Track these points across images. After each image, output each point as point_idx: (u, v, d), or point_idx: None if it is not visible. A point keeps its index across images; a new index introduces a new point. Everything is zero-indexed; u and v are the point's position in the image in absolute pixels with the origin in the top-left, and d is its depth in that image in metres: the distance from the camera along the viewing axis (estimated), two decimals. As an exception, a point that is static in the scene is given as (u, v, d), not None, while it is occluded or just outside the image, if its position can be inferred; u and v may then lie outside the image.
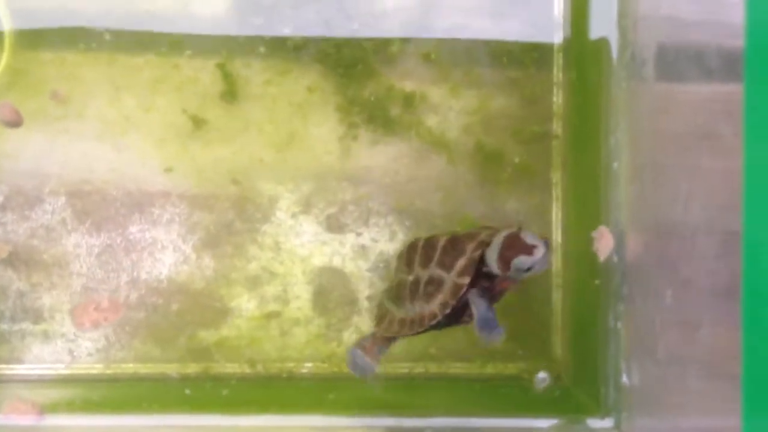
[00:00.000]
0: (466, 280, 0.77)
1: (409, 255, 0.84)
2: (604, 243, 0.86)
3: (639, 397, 0.80)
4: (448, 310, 0.78)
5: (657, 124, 0.76)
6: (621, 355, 0.85)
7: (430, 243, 0.82)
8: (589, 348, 0.90)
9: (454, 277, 0.78)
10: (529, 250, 0.74)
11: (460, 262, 0.78)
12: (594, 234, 0.88)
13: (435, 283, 0.79)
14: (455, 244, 0.79)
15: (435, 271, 0.80)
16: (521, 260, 0.74)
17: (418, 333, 0.81)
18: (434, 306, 0.79)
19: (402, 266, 0.85)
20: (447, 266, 0.79)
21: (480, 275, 0.78)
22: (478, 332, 0.78)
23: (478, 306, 0.78)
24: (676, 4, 0.72)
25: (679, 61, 0.70)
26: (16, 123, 0.89)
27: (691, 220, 0.63)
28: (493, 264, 0.76)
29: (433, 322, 0.79)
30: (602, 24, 0.90)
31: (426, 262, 0.81)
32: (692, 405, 0.65)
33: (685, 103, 0.68)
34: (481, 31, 0.94)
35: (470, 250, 0.78)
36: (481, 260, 0.77)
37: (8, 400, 0.89)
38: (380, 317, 0.86)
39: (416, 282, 0.82)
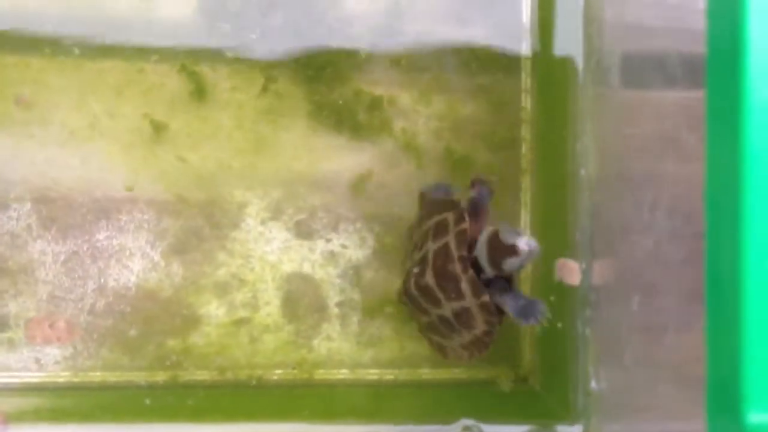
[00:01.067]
0: (486, 297, 0.77)
1: (414, 301, 0.84)
2: (567, 272, 0.87)
3: (607, 402, 0.80)
4: (495, 325, 0.79)
5: (623, 131, 0.77)
6: (589, 361, 0.85)
7: (420, 286, 0.82)
8: (557, 354, 0.91)
9: (474, 300, 0.78)
10: (512, 250, 0.74)
11: (465, 287, 0.78)
12: (557, 264, 0.89)
13: (464, 314, 0.80)
14: (443, 275, 0.79)
15: (453, 305, 0.80)
16: (510, 262, 0.75)
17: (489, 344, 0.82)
18: (480, 330, 0.80)
19: (416, 310, 0.86)
20: (458, 296, 0.79)
21: (486, 282, 0.79)
22: (524, 322, 0.78)
23: (507, 303, 0.78)
24: (640, 12, 0.73)
25: (643, 68, 0.71)
26: None
27: (656, 225, 0.64)
28: (488, 271, 0.77)
29: (492, 336, 0.80)
30: (569, 31, 0.91)
31: (436, 303, 0.81)
32: (660, 409, 0.66)
33: (650, 109, 0.69)
34: (449, 37, 0.94)
35: (461, 272, 0.78)
36: (477, 272, 0.78)
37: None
38: (441, 350, 0.87)
39: (445, 319, 0.82)
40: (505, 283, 0.79)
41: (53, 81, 0.91)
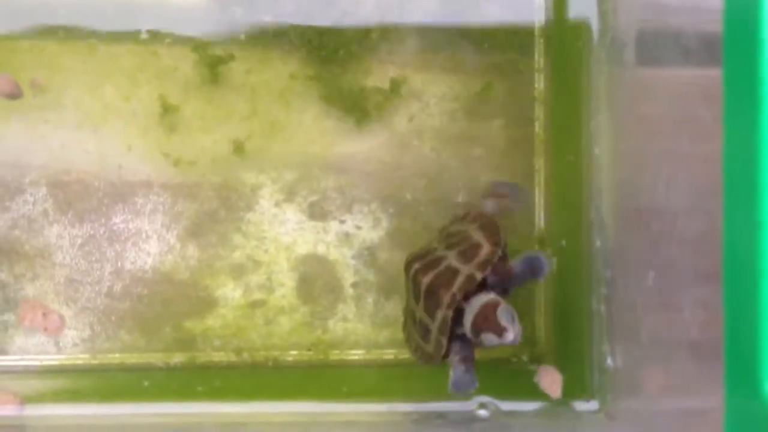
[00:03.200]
0: (444, 340, 0.79)
1: (410, 276, 0.85)
2: (549, 380, 0.87)
3: (623, 379, 0.81)
4: (438, 357, 0.81)
5: (638, 109, 0.77)
6: (605, 338, 0.85)
7: (417, 276, 0.82)
8: (573, 331, 0.91)
9: (436, 332, 0.80)
10: (500, 330, 0.74)
11: (438, 316, 0.79)
12: (539, 371, 0.89)
13: (427, 330, 0.81)
14: (433, 290, 0.80)
15: (425, 314, 0.81)
16: (489, 337, 0.75)
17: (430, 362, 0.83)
18: (431, 348, 0.82)
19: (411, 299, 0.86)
20: (430, 315, 0.80)
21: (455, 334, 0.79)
22: (452, 391, 0.82)
23: (453, 367, 0.81)
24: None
25: (658, 46, 0.70)
26: (15, 95, 0.89)
27: (672, 203, 0.64)
28: (465, 328, 0.77)
29: (433, 361, 0.82)
30: (582, 8, 0.91)
31: (417, 299, 0.83)
32: (676, 386, 0.66)
33: (665, 87, 0.69)
34: (461, 17, 0.94)
35: (445, 305, 0.78)
36: (457, 319, 0.78)
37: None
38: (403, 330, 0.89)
39: (417, 317, 0.83)
40: (468, 351, 0.80)
41: (67, 65, 0.92)
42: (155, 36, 0.92)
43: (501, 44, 0.94)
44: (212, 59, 0.92)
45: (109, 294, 0.92)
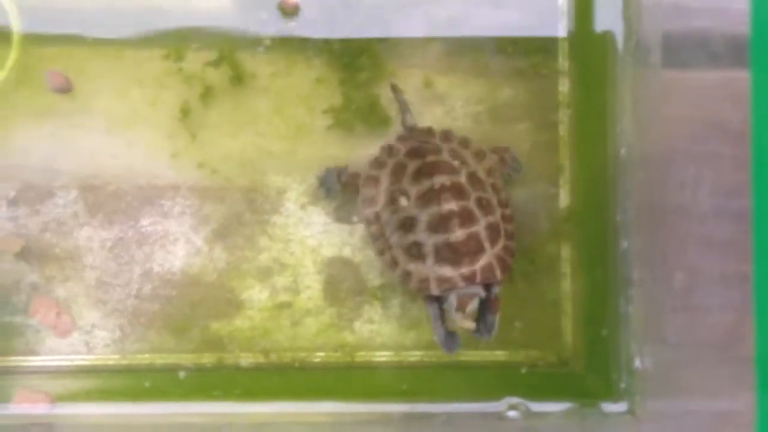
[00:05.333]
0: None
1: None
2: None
3: (652, 381, 0.81)
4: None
5: (664, 111, 0.77)
6: (633, 340, 0.85)
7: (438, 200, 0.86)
8: (600, 333, 0.91)
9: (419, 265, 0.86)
10: (457, 309, 0.84)
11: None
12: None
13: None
14: (457, 247, 0.84)
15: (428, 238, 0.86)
16: (455, 317, 0.85)
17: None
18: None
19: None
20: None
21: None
22: (443, 349, 0.89)
23: (434, 328, 0.88)
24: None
25: (684, 48, 0.70)
26: (65, 89, 0.90)
27: (699, 204, 0.64)
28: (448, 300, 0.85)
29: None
30: (607, 12, 0.91)
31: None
32: (705, 388, 0.66)
33: (692, 89, 0.69)
34: (484, 21, 0.94)
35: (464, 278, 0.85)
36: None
37: (20, 391, 0.90)
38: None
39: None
40: (438, 308, 0.87)
41: (96, 71, 0.93)
42: (182, 41, 0.93)
43: (525, 48, 0.94)
44: (238, 64, 0.93)
45: (138, 295, 0.93)
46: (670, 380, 0.76)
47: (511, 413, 0.90)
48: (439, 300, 0.86)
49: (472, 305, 0.84)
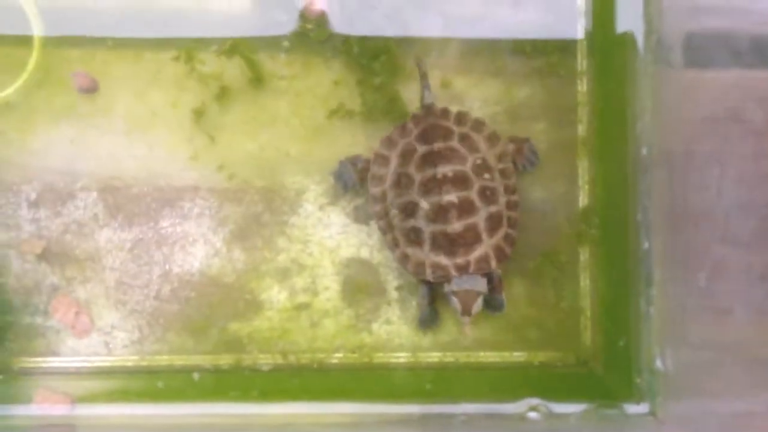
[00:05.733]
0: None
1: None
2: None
3: (674, 381, 0.80)
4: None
5: (685, 109, 0.77)
6: (654, 341, 0.85)
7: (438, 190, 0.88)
8: (620, 334, 0.90)
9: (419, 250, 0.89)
10: (465, 314, 0.87)
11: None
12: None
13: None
14: (454, 239, 0.87)
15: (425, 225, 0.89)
16: (455, 304, 0.88)
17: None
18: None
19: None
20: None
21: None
22: (419, 326, 0.93)
23: (423, 308, 0.92)
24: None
25: (706, 47, 0.70)
26: (92, 89, 0.91)
27: (723, 203, 0.64)
28: (448, 285, 0.88)
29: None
30: (627, 11, 0.91)
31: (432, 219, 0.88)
32: (727, 389, 0.66)
33: (714, 88, 0.68)
34: (503, 20, 0.94)
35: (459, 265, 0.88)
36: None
37: (40, 391, 0.91)
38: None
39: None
40: (433, 293, 0.91)
41: (116, 72, 0.94)
42: (200, 43, 0.93)
43: (543, 47, 0.94)
44: (257, 65, 0.93)
45: (157, 297, 0.93)
46: (692, 381, 0.76)
47: (532, 414, 0.89)
48: (433, 284, 0.89)
49: (477, 306, 0.87)
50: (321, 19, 0.93)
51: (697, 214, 0.73)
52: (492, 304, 0.91)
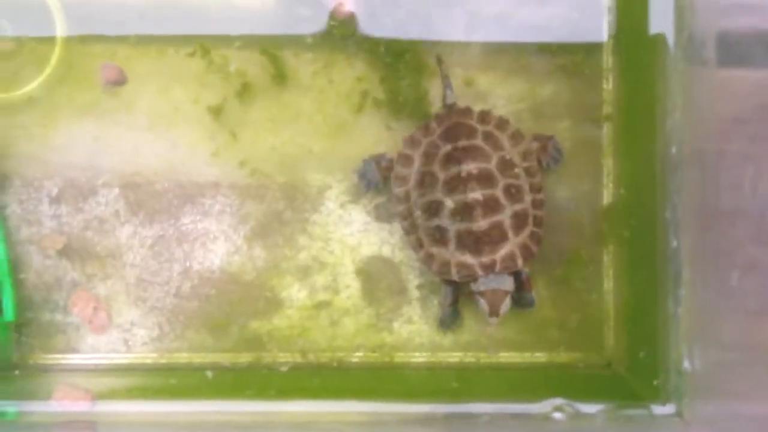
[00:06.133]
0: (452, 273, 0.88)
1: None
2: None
3: (702, 383, 0.79)
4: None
5: (719, 108, 0.75)
6: (682, 341, 0.84)
7: (463, 188, 0.87)
8: (646, 334, 0.89)
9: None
10: (493, 311, 0.86)
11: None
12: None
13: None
14: (480, 237, 0.86)
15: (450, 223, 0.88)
16: (482, 305, 0.87)
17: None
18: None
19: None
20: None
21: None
22: (440, 326, 0.93)
23: (445, 308, 0.91)
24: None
25: (741, 44, 0.69)
26: (121, 82, 0.91)
27: (759, 201, 0.63)
28: (475, 286, 0.87)
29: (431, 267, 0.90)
30: (655, 7, 0.89)
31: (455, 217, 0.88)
32: (758, 391, 0.64)
33: (750, 86, 0.67)
34: (528, 18, 0.93)
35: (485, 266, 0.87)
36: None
37: (61, 387, 0.90)
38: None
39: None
40: (457, 295, 0.90)
41: (138, 69, 0.94)
42: (224, 39, 0.93)
43: (568, 45, 0.93)
44: (280, 61, 0.93)
45: (177, 294, 0.93)
46: (721, 383, 0.75)
47: (557, 415, 0.88)
48: (457, 284, 0.88)
49: (505, 306, 0.86)
50: (348, 19, 0.92)
51: (730, 212, 0.71)
52: (521, 302, 0.90)
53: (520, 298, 0.89)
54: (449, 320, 0.91)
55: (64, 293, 0.93)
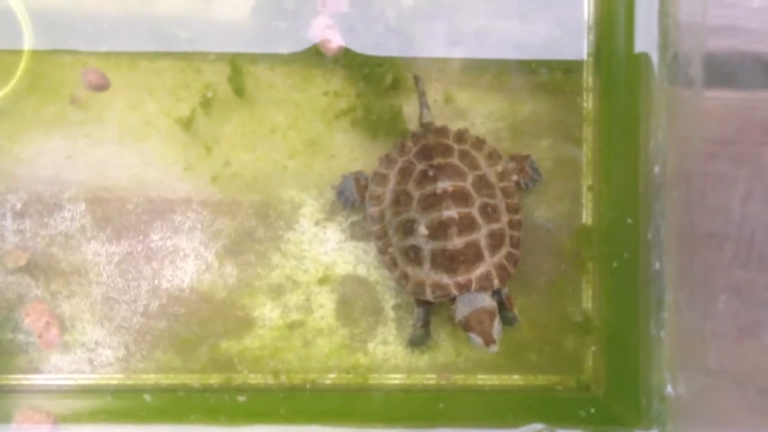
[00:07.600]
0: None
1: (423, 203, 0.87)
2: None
3: (686, 408, 0.78)
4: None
5: (705, 128, 0.75)
6: (665, 365, 0.83)
7: (437, 205, 0.86)
8: (627, 358, 0.88)
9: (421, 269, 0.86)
10: (489, 341, 0.82)
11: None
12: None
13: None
14: (453, 256, 0.85)
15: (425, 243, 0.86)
16: (475, 340, 0.83)
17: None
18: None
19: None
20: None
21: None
22: (408, 344, 0.91)
23: (416, 329, 0.89)
24: (722, 10, 0.70)
25: (728, 65, 0.68)
26: (103, 87, 0.88)
27: (748, 224, 0.62)
28: (457, 314, 0.84)
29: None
30: (639, 25, 0.89)
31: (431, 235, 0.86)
32: (745, 417, 0.63)
33: (736, 107, 0.67)
34: (509, 35, 0.92)
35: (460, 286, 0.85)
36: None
37: (22, 410, 0.87)
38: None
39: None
40: (429, 316, 0.89)
41: (110, 80, 0.91)
42: (198, 52, 0.91)
43: (548, 62, 0.92)
44: (255, 76, 0.91)
45: (145, 313, 0.90)
46: (708, 408, 0.74)
47: (537, 440, 0.87)
48: (430, 305, 0.87)
49: (497, 330, 0.83)
50: (337, 53, 0.91)
51: (717, 235, 0.70)
52: (504, 320, 0.88)
53: (502, 317, 0.87)
54: (418, 340, 0.90)
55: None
